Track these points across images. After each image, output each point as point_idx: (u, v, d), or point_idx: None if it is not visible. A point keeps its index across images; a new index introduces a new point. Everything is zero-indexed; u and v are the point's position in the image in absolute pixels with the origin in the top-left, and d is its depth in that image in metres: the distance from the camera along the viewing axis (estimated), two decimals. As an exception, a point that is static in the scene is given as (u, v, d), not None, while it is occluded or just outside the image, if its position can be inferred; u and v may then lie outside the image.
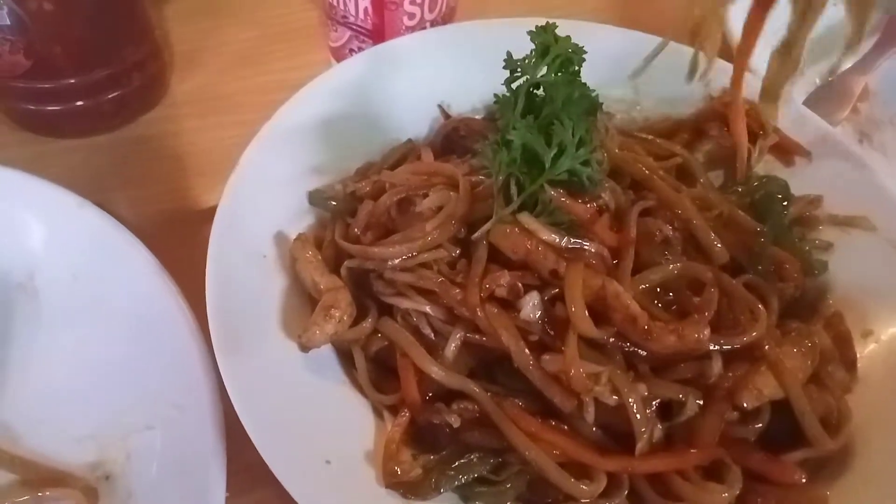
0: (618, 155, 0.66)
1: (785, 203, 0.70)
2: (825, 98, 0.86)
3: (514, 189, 0.57)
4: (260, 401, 0.52)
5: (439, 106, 0.78)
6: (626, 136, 0.74)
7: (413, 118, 0.76)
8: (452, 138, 0.74)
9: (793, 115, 0.76)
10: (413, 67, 0.76)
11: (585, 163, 0.55)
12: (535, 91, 0.58)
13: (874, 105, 0.95)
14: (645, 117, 0.81)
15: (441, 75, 0.78)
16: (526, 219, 0.55)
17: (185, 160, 0.81)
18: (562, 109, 0.55)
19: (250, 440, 0.49)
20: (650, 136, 0.76)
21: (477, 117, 0.77)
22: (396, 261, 0.58)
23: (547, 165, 0.54)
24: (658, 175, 0.67)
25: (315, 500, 0.48)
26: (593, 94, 0.56)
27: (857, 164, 0.72)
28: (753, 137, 0.75)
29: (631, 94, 0.81)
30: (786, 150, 0.75)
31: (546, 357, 0.53)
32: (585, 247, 0.55)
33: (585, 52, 0.56)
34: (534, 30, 0.56)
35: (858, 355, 0.64)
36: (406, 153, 0.72)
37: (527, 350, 0.54)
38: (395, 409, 0.57)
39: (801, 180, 0.72)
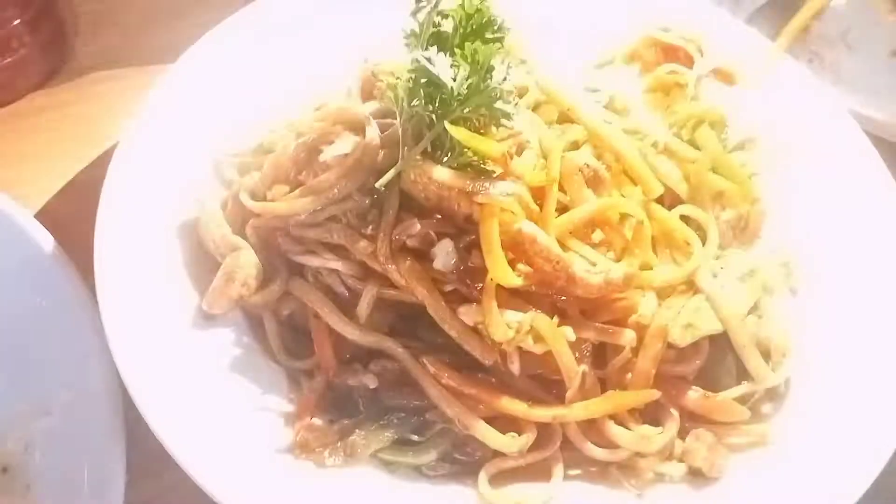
0: (543, 86, 0.62)
1: (726, 128, 0.66)
2: (770, 15, 0.81)
3: (426, 130, 0.53)
4: (159, 379, 0.48)
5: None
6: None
7: (338, 64, 0.71)
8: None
9: (734, 35, 0.71)
10: (338, 10, 0.70)
11: (496, 95, 0.50)
12: (442, 19, 0.53)
13: (825, 21, 0.90)
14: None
15: (369, 17, 0.72)
16: (427, 165, 0.50)
17: (92, 129, 0.75)
18: (466, 36, 0.50)
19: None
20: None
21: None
22: (302, 216, 0.54)
23: (453, 101, 0.50)
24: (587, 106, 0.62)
25: (219, 480, 0.44)
26: (500, 18, 0.51)
27: (804, 83, 0.69)
28: (691, 62, 0.70)
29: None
30: (726, 74, 0.70)
31: (462, 308, 0.50)
32: (500, 189, 0.51)
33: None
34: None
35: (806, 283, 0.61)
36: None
37: (443, 302, 0.50)
38: (311, 375, 0.54)
39: (744, 102, 0.68)
